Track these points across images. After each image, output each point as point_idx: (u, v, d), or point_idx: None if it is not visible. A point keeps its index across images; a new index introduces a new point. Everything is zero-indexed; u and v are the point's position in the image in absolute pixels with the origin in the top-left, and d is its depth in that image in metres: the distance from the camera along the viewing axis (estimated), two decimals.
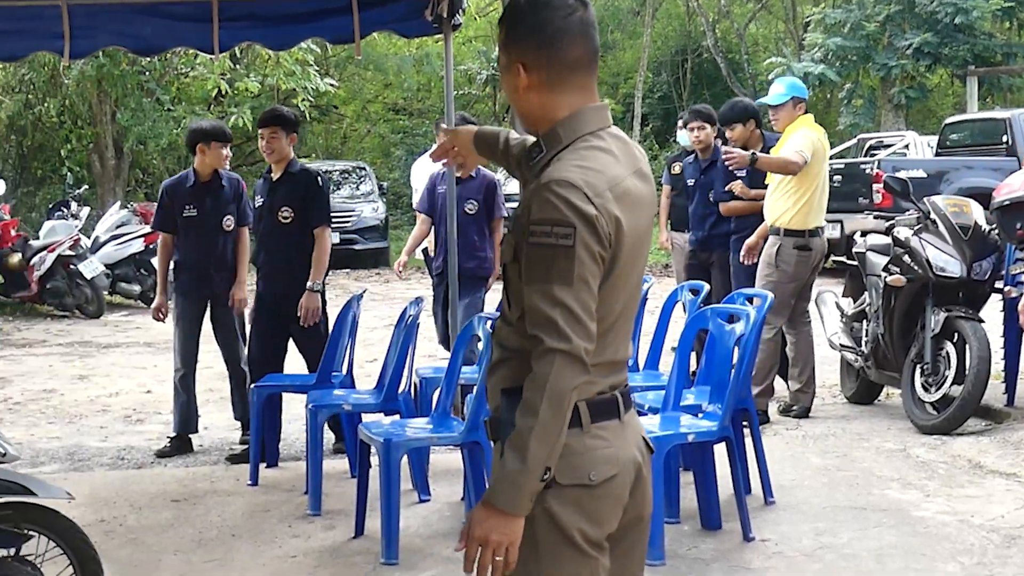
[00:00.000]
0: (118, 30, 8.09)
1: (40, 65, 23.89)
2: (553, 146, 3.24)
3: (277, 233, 8.76)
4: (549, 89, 3.26)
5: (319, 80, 23.62)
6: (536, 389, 3.04)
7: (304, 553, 6.73)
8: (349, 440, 8.16)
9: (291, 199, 8.70)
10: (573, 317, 3.05)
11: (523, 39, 3.26)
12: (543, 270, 3.07)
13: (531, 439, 3.03)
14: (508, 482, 3.06)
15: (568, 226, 3.05)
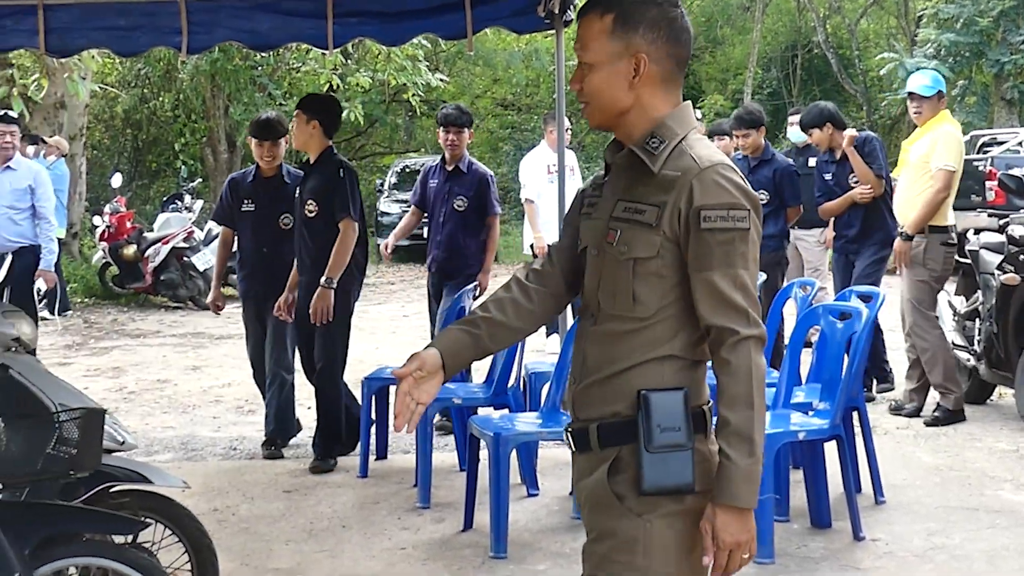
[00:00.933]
0: (235, 25, 8.17)
1: (156, 60, 24.23)
2: (671, 137, 3.17)
3: (304, 228, 8.44)
4: (662, 83, 3.20)
5: (429, 75, 23.69)
6: (743, 381, 3.02)
7: (413, 545, 6.78)
8: (459, 434, 8.19)
9: (315, 192, 8.37)
10: (753, 300, 3.08)
11: (650, 30, 3.17)
12: (724, 255, 3.05)
13: (753, 431, 3.01)
14: (743, 478, 3.01)
15: (743, 209, 3.07)
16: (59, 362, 12.94)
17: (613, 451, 3.16)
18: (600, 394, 3.21)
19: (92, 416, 4.71)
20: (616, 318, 3.19)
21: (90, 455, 4.66)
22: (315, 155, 8.40)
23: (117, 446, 5.31)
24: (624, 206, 3.18)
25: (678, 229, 3.09)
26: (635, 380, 3.14)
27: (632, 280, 3.15)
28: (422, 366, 3.29)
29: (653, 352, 3.14)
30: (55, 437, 4.59)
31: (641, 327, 3.16)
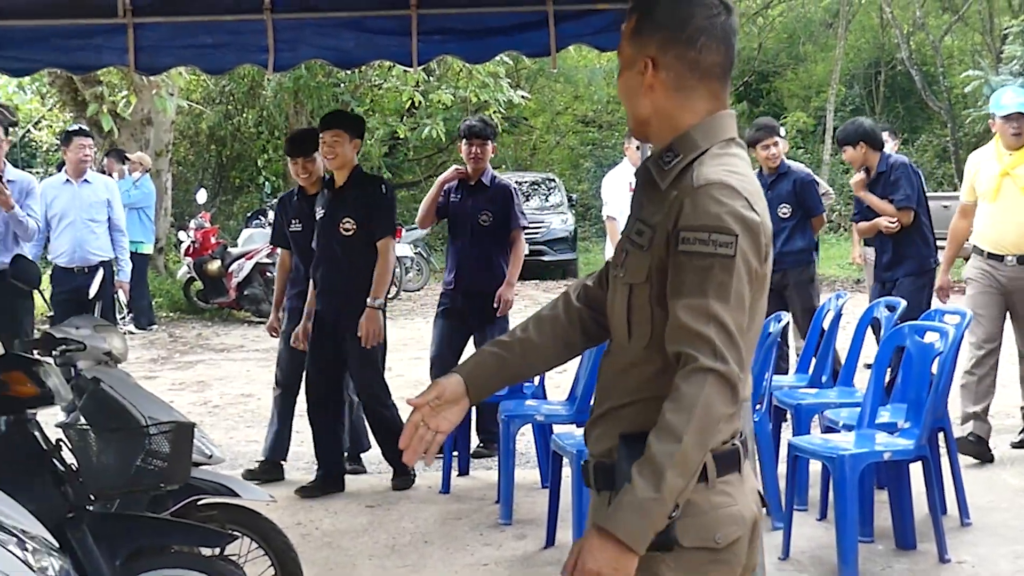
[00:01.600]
0: (320, 43, 8.21)
1: (240, 77, 24.46)
2: (689, 151, 2.89)
3: (338, 246, 8.14)
4: (677, 92, 2.92)
5: (511, 92, 23.75)
6: (681, 411, 2.66)
7: (496, 562, 6.79)
8: (540, 451, 8.21)
9: (354, 209, 8.13)
10: (728, 337, 2.72)
11: (657, 32, 2.92)
12: (697, 282, 2.73)
13: (669, 467, 2.64)
14: (635, 510, 2.65)
15: (729, 234, 2.74)
16: (145, 376, 13.08)
17: (606, 495, 2.88)
18: (600, 430, 2.99)
19: (182, 430, 4.78)
20: (619, 350, 2.98)
21: (180, 468, 4.73)
22: (348, 173, 8.22)
23: (205, 459, 5.38)
24: (636, 226, 2.96)
25: (664, 254, 2.83)
26: (623, 420, 2.90)
27: (627, 309, 2.94)
28: (440, 395, 3.08)
29: (643, 391, 2.88)
30: (145, 450, 4.66)
31: (636, 361, 2.92)
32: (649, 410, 2.78)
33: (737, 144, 2.96)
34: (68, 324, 5.75)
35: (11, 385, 4.40)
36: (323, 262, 8.24)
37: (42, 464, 4.40)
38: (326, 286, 8.24)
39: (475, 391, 3.12)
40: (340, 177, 8.22)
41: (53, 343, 5.44)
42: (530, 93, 30.49)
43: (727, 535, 2.84)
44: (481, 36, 8.14)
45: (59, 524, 4.16)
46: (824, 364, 8.36)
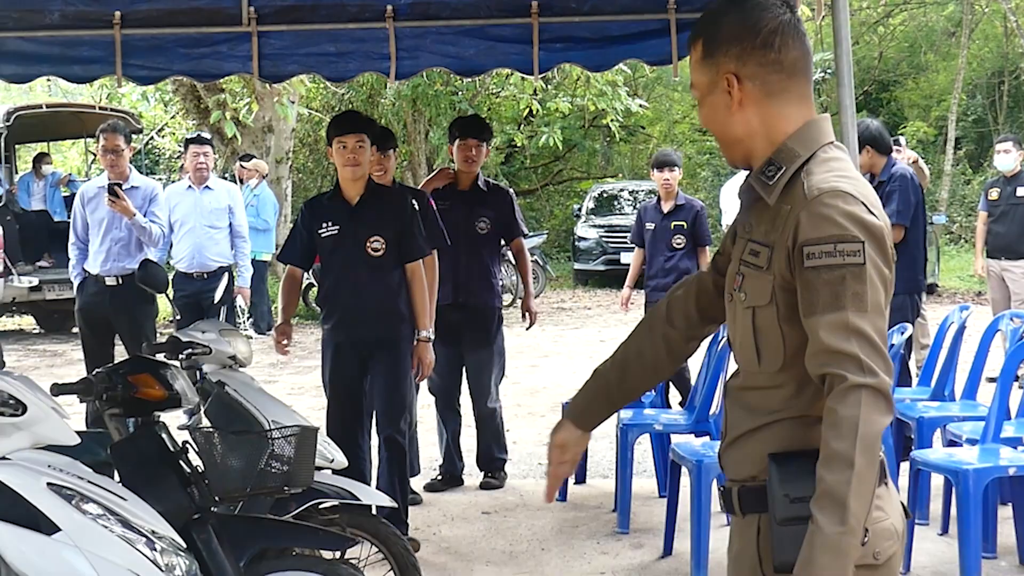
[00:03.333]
0: (441, 51, 8.26)
1: (359, 85, 24.65)
2: (791, 161, 2.82)
3: (365, 268, 7.08)
4: (768, 100, 2.86)
5: (629, 101, 23.71)
6: (844, 436, 2.58)
7: (612, 570, 6.78)
8: (658, 460, 8.18)
9: (383, 226, 7.12)
10: (872, 347, 2.63)
11: (731, 45, 2.86)
12: (830, 297, 2.65)
13: (849, 495, 2.56)
14: (829, 549, 2.56)
15: (855, 241, 2.66)
16: (264, 380, 13.21)
17: (754, 518, 2.84)
18: (739, 454, 2.92)
19: (306, 433, 4.82)
20: (749, 374, 2.92)
21: (304, 471, 4.77)
22: (366, 183, 7.19)
23: (327, 463, 5.42)
24: (749, 247, 2.87)
25: (786, 272, 2.75)
26: (766, 442, 2.83)
27: (753, 332, 2.86)
28: (564, 447, 3.27)
29: (783, 411, 2.81)
30: (268, 453, 4.70)
31: (771, 384, 2.84)
32: (794, 428, 2.79)
33: (837, 147, 2.89)
34: (194, 328, 5.83)
35: (139, 388, 4.46)
36: (343, 285, 7.17)
37: (169, 466, 4.46)
38: (352, 313, 7.13)
39: (587, 426, 3.29)
40: (356, 188, 7.18)
41: (179, 347, 5.53)
42: (648, 101, 30.40)
43: (884, 550, 2.77)
44: (602, 44, 8.14)
45: (185, 525, 4.21)
46: (947, 377, 8.23)
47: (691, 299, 3.24)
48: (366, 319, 7.06)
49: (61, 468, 3.92)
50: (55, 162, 23.23)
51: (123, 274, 8.91)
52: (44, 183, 20.33)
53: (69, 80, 8.83)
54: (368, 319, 7.06)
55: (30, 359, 16.18)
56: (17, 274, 17.88)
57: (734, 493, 2.91)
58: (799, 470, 2.71)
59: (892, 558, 2.79)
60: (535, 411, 11.31)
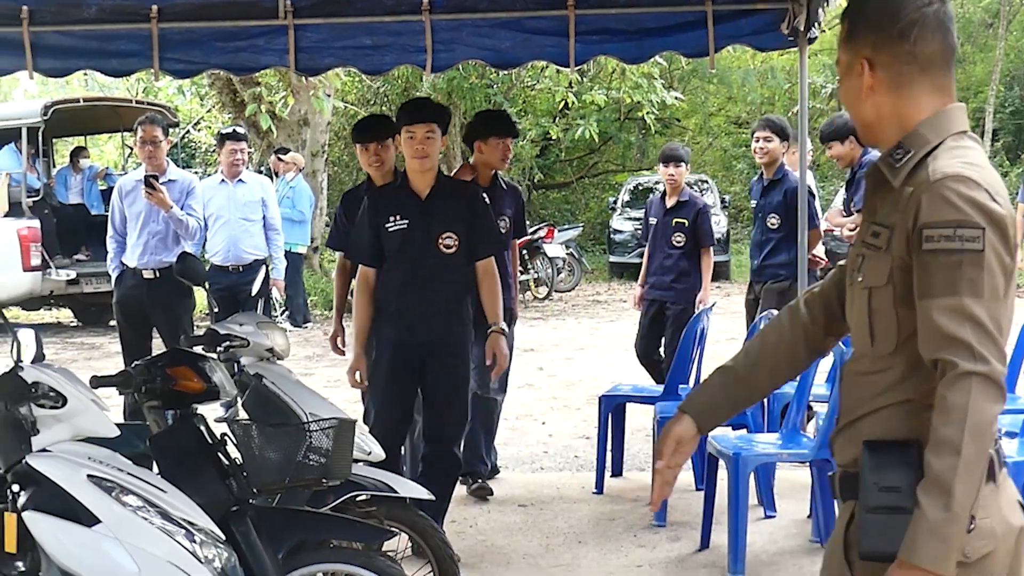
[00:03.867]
0: (477, 43, 8.25)
1: (394, 78, 24.66)
2: (920, 146, 2.82)
3: (435, 265, 6.60)
4: (898, 89, 2.86)
5: (664, 93, 23.66)
6: (953, 422, 2.56)
7: (650, 563, 6.78)
8: (695, 453, 8.14)
9: (455, 222, 6.64)
10: (986, 334, 2.61)
11: (869, 31, 2.87)
12: (945, 281, 2.64)
13: (956, 481, 2.54)
14: (931, 534, 2.55)
15: (975, 227, 2.64)
16: (301, 373, 13.21)
17: (850, 505, 2.86)
18: (844, 439, 2.91)
19: (344, 426, 4.83)
20: (861, 356, 2.90)
21: (342, 464, 4.78)
22: (433, 177, 6.66)
23: (364, 456, 5.43)
24: (871, 229, 2.87)
25: (905, 254, 2.74)
26: (868, 428, 2.82)
27: (868, 313, 2.84)
28: (679, 441, 3.15)
29: (888, 396, 2.80)
30: (306, 445, 4.71)
31: (881, 367, 2.82)
32: (893, 417, 2.78)
33: (970, 137, 2.88)
34: (232, 321, 5.85)
35: (178, 380, 4.47)
36: (410, 282, 6.63)
37: (208, 458, 4.48)
38: (417, 311, 6.61)
39: (705, 425, 3.18)
40: (425, 181, 6.64)
41: (217, 339, 5.54)
42: (683, 94, 30.36)
43: (976, 549, 2.68)
44: (639, 36, 8.12)
45: (223, 517, 4.23)
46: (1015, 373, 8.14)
47: (832, 293, 3.17)
48: (432, 320, 6.59)
49: (101, 460, 3.94)
50: (92, 156, 23.33)
51: (160, 267, 8.93)
52: (81, 177, 20.43)
53: (106, 74, 8.89)
54: (434, 320, 6.59)
55: (68, 352, 16.26)
56: (55, 267, 17.97)
57: (836, 478, 2.93)
58: (891, 459, 2.72)
59: (987, 557, 2.72)
60: (571, 404, 11.30)
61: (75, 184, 20.33)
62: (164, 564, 3.71)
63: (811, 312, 3.19)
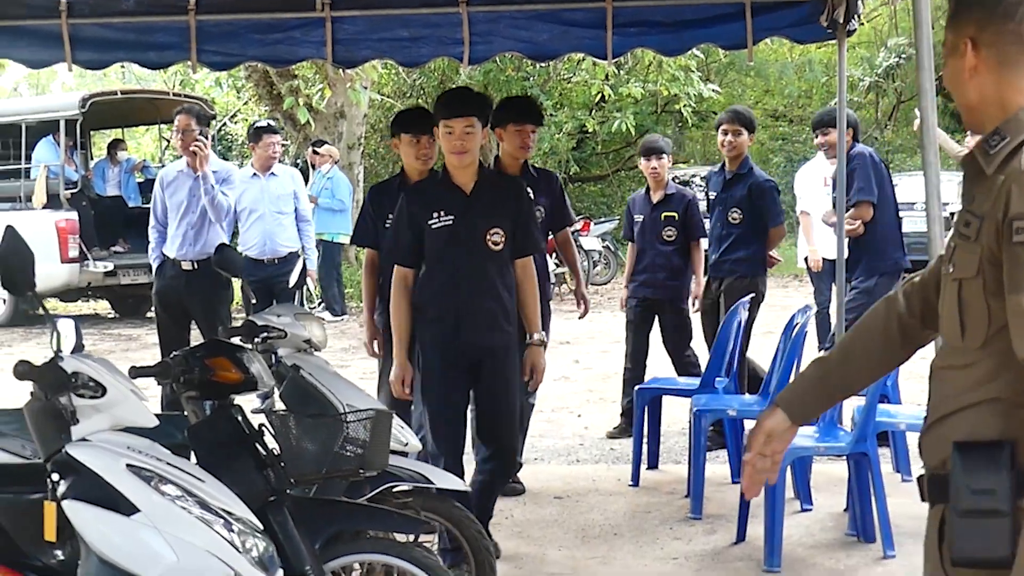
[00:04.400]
0: (514, 35, 8.24)
1: (430, 70, 24.68)
2: (1017, 133, 2.71)
3: (483, 264, 6.21)
4: (1002, 69, 2.76)
5: (701, 86, 23.61)
6: None
7: (685, 556, 6.76)
8: (732, 446, 8.14)
9: (502, 217, 6.24)
10: None
11: (974, 10, 2.79)
12: None
13: None
14: None
15: None
16: (337, 364, 13.13)
17: (939, 508, 2.75)
18: (932, 439, 2.81)
19: (381, 417, 4.84)
20: (951, 351, 2.82)
21: (379, 455, 4.80)
22: (474, 171, 6.26)
23: (401, 447, 5.44)
24: (964, 217, 2.78)
25: (994, 245, 2.63)
26: (955, 426, 2.72)
27: (959, 305, 2.74)
28: (770, 435, 3.05)
29: (976, 394, 2.69)
30: (343, 436, 4.72)
31: (969, 362, 2.73)
32: (983, 415, 2.67)
33: None
34: (269, 312, 5.87)
35: (216, 371, 4.49)
36: (460, 281, 6.21)
37: (245, 448, 4.49)
38: (469, 309, 6.20)
39: (798, 418, 3.08)
40: (466, 175, 6.26)
41: (255, 330, 5.56)
42: (720, 87, 30.27)
43: None
44: (677, 28, 8.10)
45: (261, 507, 4.23)
46: None
47: (931, 284, 3.03)
48: (483, 322, 6.18)
49: (140, 450, 3.95)
50: (129, 148, 23.43)
51: (198, 258, 8.95)
52: (119, 169, 20.56)
53: (144, 66, 8.91)
54: (485, 322, 6.18)
55: (105, 343, 16.34)
56: (92, 259, 18.10)
57: (924, 481, 2.83)
58: (984, 461, 2.61)
59: None
60: (606, 397, 11.27)
61: (112, 176, 20.47)
62: (202, 553, 3.72)
63: (909, 303, 3.06)
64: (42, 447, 4.01)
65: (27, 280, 4.13)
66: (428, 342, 6.29)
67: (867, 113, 35.64)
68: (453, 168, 6.25)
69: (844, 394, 3.23)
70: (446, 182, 6.30)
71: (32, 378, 3.94)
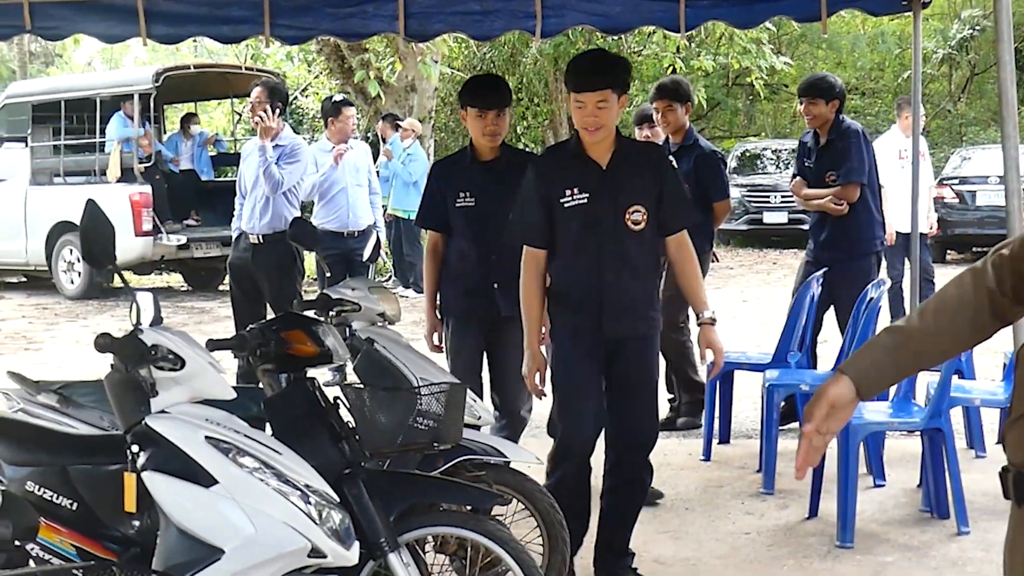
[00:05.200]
0: (588, 8, 8.22)
1: (501, 44, 24.65)
2: None
3: (623, 245, 5.57)
4: None
5: (773, 58, 23.44)
6: None
7: (757, 531, 6.75)
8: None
9: (643, 193, 5.59)
10: None
11: None
12: None
13: None
14: None
15: None
16: (409, 338, 13.22)
17: None
18: (1018, 434, 2.62)
19: (455, 391, 4.86)
20: None
21: (453, 428, 4.82)
22: (611, 141, 5.61)
23: (474, 421, 5.46)
24: None
25: None
26: None
27: None
28: (834, 404, 2.75)
29: None
30: (417, 409, 4.75)
31: None
32: None
33: None
34: (343, 286, 5.90)
35: (292, 344, 4.52)
36: (602, 264, 5.59)
37: (321, 421, 4.52)
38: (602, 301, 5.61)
39: (866, 389, 2.81)
40: (601, 150, 5.60)
41: (329, 304, 5.59)
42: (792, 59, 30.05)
43: None
44: (750, 1, 8.05)
45: (336, 480, 4.26)
46: None
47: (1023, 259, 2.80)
48: (623, 310, 5.60)
49: (218, 422, 3.99)
50: (202, 122, 23.59)
51: (265, 232, 8.98)
52: (192, 143, 20.70)
53: (218, 40, 8.96)
54: (625, 310, 5.61)
55: (178, 316, 16.47)
56: (166, 232, 18.25)
57: (1010, 478, 2.63)
58: None
59: None
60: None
61: (185, 150, 20.61)
62: (279, 525, 3.76)
63: (999, 276, 2.79)
64: (122, 419, 4.06)
65: (108, 253, 4.17)
66: (566, 331, 5.72)
67: (940, 86, 35.28)
68: (587, 142, 5.61)
69: (918, 367, 2.94)
70: (579, 153, 5.63)
71: (112, 350, 3.99)
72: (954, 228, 19.74)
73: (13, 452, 4.40)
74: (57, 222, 18.78)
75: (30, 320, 16.61)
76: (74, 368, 11.37)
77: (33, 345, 14.28)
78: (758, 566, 6.21)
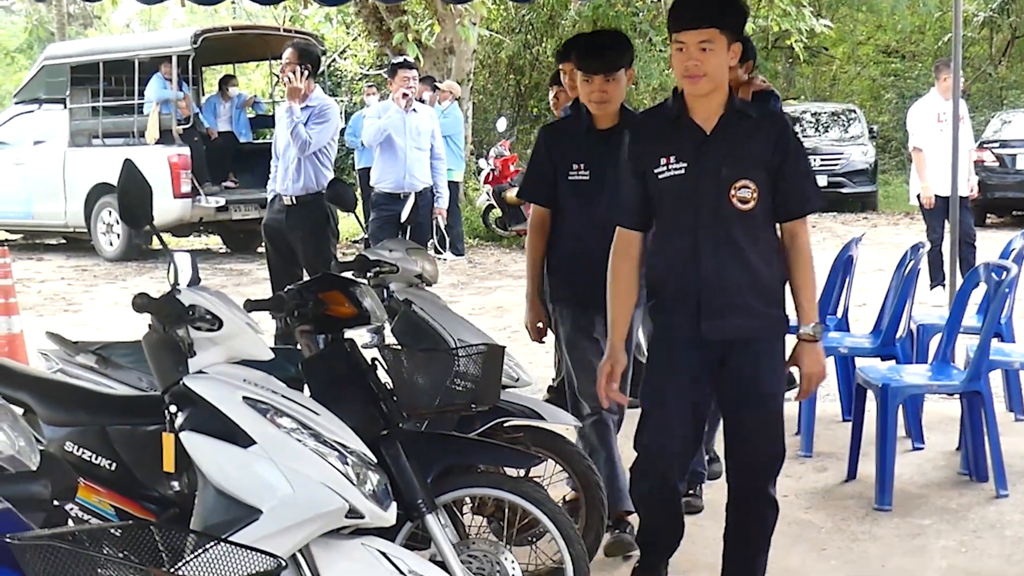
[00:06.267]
0: None
1: (539, 6, 24.56)
2: None
3: (729, 227, 4.63)
4: None
5: (813, 21, 23.28)
6: None
7: (796, 494, 6.73)
8: (842, 383, 8.08)
9: (754, 165, 4.66)
10: None
11: None
12: None
13: None
14: None
15: None
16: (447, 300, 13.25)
17: None
18: None
19: (493, 352, 4.86)
20: None
21: (490, 390, 4.82)
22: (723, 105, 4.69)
23: (512, 382, 5.45)
24: None
25: None
26: None
27: None
28: None
29: None
30: (455, 371, 4.76)
31: None
32: None
33: None
34: (381, 247, 5.90)
35: (329, 305, 4.53)
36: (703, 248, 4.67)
37: (359, 382, 4.52)
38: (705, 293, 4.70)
39: None
40: (709, 115, 4.69)
41: (367, 265, 5.59)
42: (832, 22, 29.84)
43: None
44: None
45: (374, 441, 4.27)
46: None
47: None
48: (725, 307, 4.69)
49: (256, 382, 3.99)
50: (240, 84, 23.60)
51: (298, 194, 8.99)
52: (230, 105, 20.72)
53: (256, 1, 8.97)
54: (728, 307, 4.69)
55: (217, 278, 16.53)
56: (204, 194, 18.31)
57: None
58: None
59: None
60: None
61: (224, 112, 20.63)
62: (317, 485, 3.76)
63: None
64: (160, 379, 4.07)
65: (145, 214, 4.17)
66: (658, 328, 4.99)
67: (980, 49, 34.97)
68: (690, 98, 4.71)
69: None
70: (679, 114, 4.73)
71: (150, 311, 4.00)
72: (994, 191, 19.68)
73: (52, 412, 4.42)
74: (96, 184, 18.85)
75: (69, 282, 16.70)
76: (113, 329, 11.41)
77: (72, 306, 14.36)
78: (796, 528, 6.18)
